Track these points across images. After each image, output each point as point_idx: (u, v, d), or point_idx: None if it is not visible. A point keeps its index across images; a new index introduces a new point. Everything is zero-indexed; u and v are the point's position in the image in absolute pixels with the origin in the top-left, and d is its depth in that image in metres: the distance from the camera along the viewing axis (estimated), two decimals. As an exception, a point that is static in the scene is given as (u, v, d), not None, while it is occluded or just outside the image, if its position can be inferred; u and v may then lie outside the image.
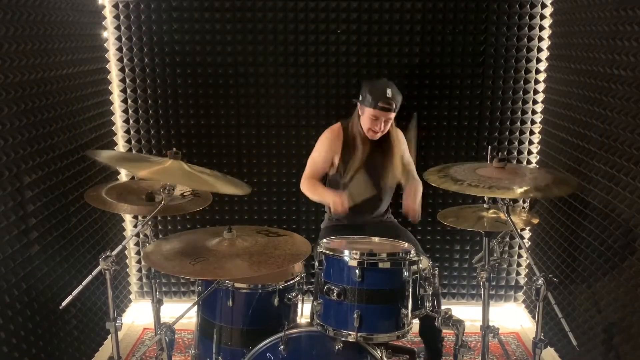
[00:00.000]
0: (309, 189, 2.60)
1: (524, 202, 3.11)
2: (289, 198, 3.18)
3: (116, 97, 3.05)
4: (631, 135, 2.10)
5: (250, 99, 3.05)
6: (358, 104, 2.50)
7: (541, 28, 2.96)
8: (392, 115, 2.46)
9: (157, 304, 2.21)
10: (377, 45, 2.97)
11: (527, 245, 3.11)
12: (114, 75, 3.02)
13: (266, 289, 1.95)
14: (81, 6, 2.61)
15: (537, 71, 3.02)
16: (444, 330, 2.01)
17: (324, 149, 2.60)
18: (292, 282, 2.00)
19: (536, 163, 3.11)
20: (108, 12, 2.93)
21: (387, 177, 2.60)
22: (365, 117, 2.47)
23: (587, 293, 2.42)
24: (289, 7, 2.91)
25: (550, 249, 2.83)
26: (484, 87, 3.03)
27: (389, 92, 2.39)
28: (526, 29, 2.95)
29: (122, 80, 3.04)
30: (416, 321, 1.98)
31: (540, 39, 2.98)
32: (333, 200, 2.40)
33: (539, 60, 3.00)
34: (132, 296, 3.30)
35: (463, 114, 3.07)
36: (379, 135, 2.51)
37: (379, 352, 1.81)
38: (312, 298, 1.88)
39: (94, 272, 1.77)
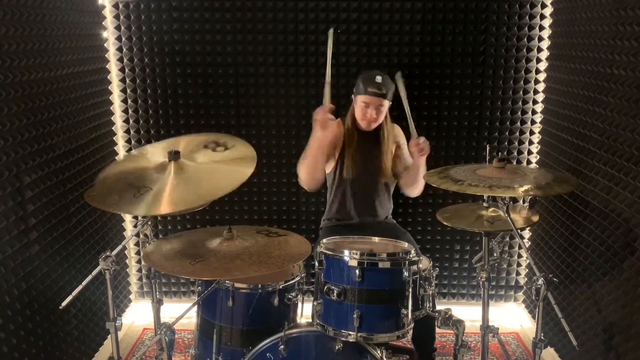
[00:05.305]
0: (302, 161, 2.53)
1: (524, 201, 3.11)
2: (289, 198, 3.18)
3: (116, 97, 3.05)
4: (631, 135, 2.10)
5: (250, 99, 3.05)
6: (352, 97, 2.53)
7: (541, 28, 2.96)
8: (385, 102, 2.47)
9: (157, 304, 2.21)
10: (377, 46, 2.97)
11: (527, 245, 3.11)
12: (114, 75, 3.02)
13: (266, 289, 1.95)
14: (81, 6, 2.61)
15: (537, 71, 3.02)
16: (444, 330, 2.01)
17: None
18: (292, 282, 1.99)
19: (536, 163, 3.11)
20: (108, 12, 2.93)
21: (379, 173, 2.60)
22: (357, 106, 2.49)
23: (587, 293, 2.42)
24: (289, 7, 2.91)
25: (550, 249, 2.83)
26: (484, 87, 3.03)
27: (378, 78, 2.43)
28: (526, 29, 2.95)
29: (122, 80, 3.04)
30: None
31: (540, 39, 2.98)
32: (318, 125, 2.36)
33: (539, 60, 3.00)
34: (132, 296, 3.30)
35: (463, 114, 3.07)
36: (373, 125, 2.52)
37: (379, 352, 1.81)
38: (312, 298, 1.88)
39: (94, 272, 1.78)
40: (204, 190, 1.72)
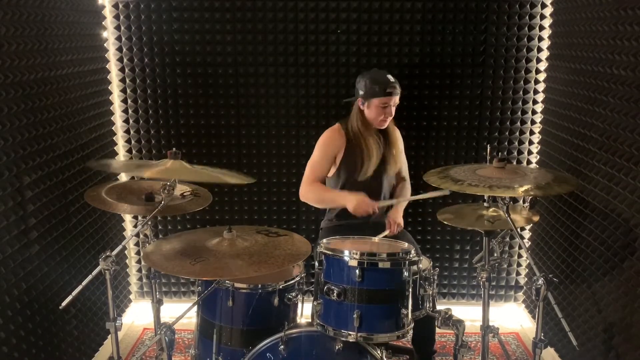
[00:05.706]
0: (315, 194, 2.56)
1: (524, 201, 3.11)
2: (289, 198, 3.18)
3: (116, 97, 3.05)
4: (631, 135, 2.10)
5: (250, 99, 3.05)
6: (360, 99, 2.51)
7: (541, 28, 2.96)
8: (398, 98, 2.51)
9: (157, 304, 2.21)
10: (377, 45, 2.97)
11: (527, 245, 3.11)
12: (114, 75, 3.02)
13: (266, 289, 1.95)
14: (81, 6, 2.61)
15: (537, 71, 3.02)
16: (444, 331, 2.01)
17: (325, 150, 2.57)
18: (292, 282, 2.00)
19: (536, 163, 3.12)
20: (108, 12, 2.93)
21: (391, 169, 2.61)
22: (373, 108, 2.48)
23: (587, 293, 2.42)
24: (289, 7, 2.91)
25: (550, 249, 2.83)
26: (484, 87, 3.03)
27: (390, 76, 2.48)
28: (526, 29, 2.95)
29: (122, 80, 3.04)
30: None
31: (540, 39, 2.98)
32: (356, 203, 2.39)
33: (539, 60, 3.00)
34: (132, 296, 3.30)
35: (463, 114, 3.07)
36: (388, 121, 2.54)
37: (379, 352, 1.81)
38: (312, 298, 1.88)
39: (94, 272, 1.78)
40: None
